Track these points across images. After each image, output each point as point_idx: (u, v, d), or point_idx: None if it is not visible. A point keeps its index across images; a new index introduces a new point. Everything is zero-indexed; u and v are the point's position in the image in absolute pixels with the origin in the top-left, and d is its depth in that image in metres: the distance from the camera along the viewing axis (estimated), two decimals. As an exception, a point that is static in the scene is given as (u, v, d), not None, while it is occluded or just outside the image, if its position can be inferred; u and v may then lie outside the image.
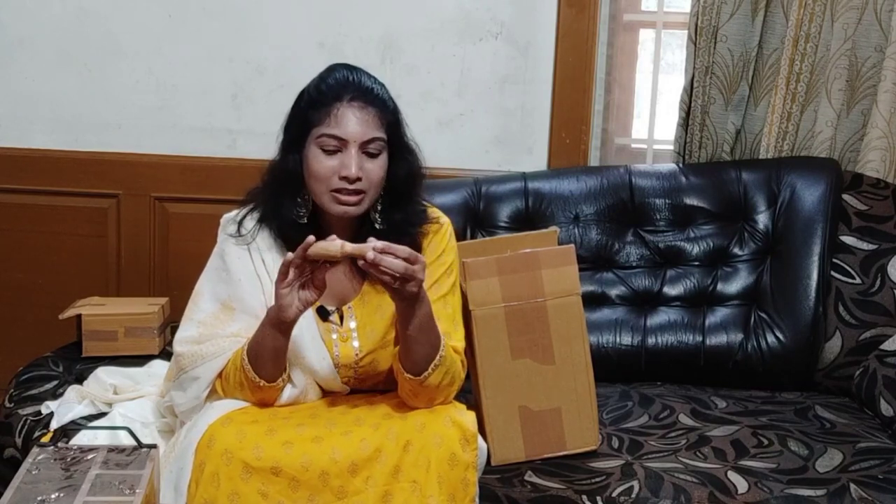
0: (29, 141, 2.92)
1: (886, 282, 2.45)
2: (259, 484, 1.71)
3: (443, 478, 1.74)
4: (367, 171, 1.83)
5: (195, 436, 1.77)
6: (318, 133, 1.83)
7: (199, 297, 1.93)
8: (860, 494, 1.91)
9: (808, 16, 2.59)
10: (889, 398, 2.27)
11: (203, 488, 1.72)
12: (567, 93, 2.78)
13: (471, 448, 1.78)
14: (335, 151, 1.83)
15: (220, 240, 1.95)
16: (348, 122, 1.82)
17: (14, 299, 2.96)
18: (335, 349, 1.93)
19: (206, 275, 1.95)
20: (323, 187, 1.84)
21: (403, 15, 2.79)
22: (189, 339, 1.89)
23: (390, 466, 1.74)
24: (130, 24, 2.85)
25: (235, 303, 1.90)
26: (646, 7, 2.88)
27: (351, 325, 1.94)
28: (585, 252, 2.54)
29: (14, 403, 2.24)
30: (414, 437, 1.75)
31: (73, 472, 1.65)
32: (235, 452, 1.72)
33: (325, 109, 1.83)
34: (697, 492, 1.91)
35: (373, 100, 1.85)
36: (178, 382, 1.90)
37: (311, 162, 1.85)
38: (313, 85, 1.89)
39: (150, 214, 2.91)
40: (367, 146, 1.83)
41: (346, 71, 1.88)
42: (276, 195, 1.90)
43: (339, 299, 1.95)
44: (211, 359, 1.86)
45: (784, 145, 2.67)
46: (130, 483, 1.62)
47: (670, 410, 2.29)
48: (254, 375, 1.82)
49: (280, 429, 1.77)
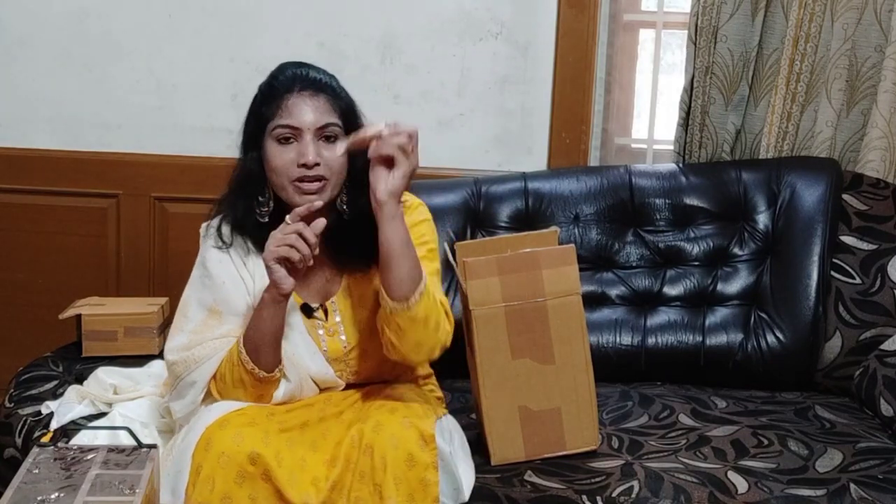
0: (29, 141, 2.92)
1: (886, 282, 2.45)
2: (251, 490, 1.73)
3: (399, 479, 1.74)
4: (326, 157, 1.86)
5: (192, 438, 1.78)
6: (272, 126, 1.87)
7: (186, 308, 1.95)
8: (860, 494, 1.91)
9: (808, 16, 2.59)
10: (889, 398, 2.27)
11: (199, 490, 1.73)
12: (567, 93, 2.78)
13: (429, 448, 1.77)
14: (291, 142, 1.86)
15: (202, 248, 1.97)
16: (300, 110, 1.85)
17: (14, 299, 2.96)
18: (323, 344, 1.94)
19: (191, 285, 1.97)
20: (284, 180, 1.86)
21: (403, 15, 2.79)
22: (180, 347, 1.91)
23: (358, 473, 1.76)
24: (130, 24, 2.85)
25: (222, 305, 1.91)
26: (646, 7, 2.88)
27: (336, 318, 1.96)
28: (585, 252, 2.54)
29: (14, 403, 2.24)
30: (372, 440, 1.76)
31: (73, 472, 1.65)
32: (232, 456, 1.73)
33: (276, 102, 1.87)
34: (697, 492, 1.91)
35: (323, 87, 1.89)
36: (177, 391, 1.91)
37: (269, 156, 1.87)
38: (265, 83, 1.94)
39: (150, 214, 2.91)
40: (323, 131, 1.86)
41: (295, 67, 1.93)
42: (240, 198, 1.93)
43: (321, 295, 1.97)
44: (204, 361, 1.88)
45: (784, 145, 2.67)
46: (130, 483, 1.62)
47: (670, 410, 2.29)
48: (252, 367, 1.83)
49: (274, 440, 1.78)
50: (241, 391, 1.87)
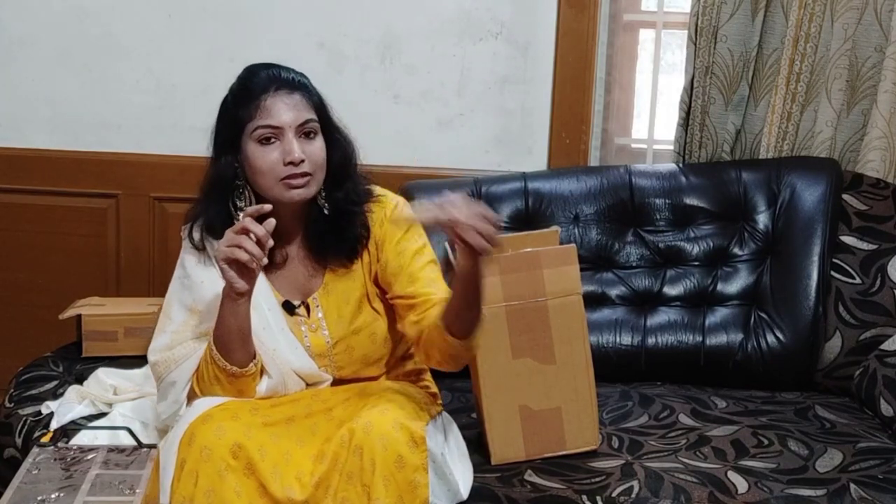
0: (29, 141, 2.91)
1: (886, 282, 2.45)
2: (234, 483, 1.73)
3: (389, 479, 1.74)
4: (309, 153, 1.86)
5: (177, 434, 1.78)
6: (252, 128, 1.86)
7: (168, 309, 1.95)
8: (860, 494, 1.91)
9: (808, 16, 2.59)
10: (889, 398, 2.27)
11: (182, 485, 1.73)
12: (567, 93, 2.78)
13: (419, 450, 1.77)
14: (273, 142, 1.86)
15: (182, 249, 1.98)
16: (279, 109, 1.86)
17: (14, 299, 2.95)
18: (306, 340, 1.95)
19: (172, 286, 1.97)
20: (271, 180, 1.86)
21: (403, 15, 2.79)
22: (161, 347, 1.91)
23: (346, 473, 1.75)
24: (130, 24, 2.85)
25: (200, 305, 1.91)
26: (646, 7, 2.88)
27: (318, 314, 1.96)
28: (585, 252, 2.53)
29: (14, 403, 2.24)
30: (362, 440, 1.75)
31: (73, 472, 1.65)
32: (214, 449, 1.73)
33: (253, 104, 1.86)
34: (697, 492, 1.91)
35: (297, 86, 1.90)
36: (161, 392, 1.92)
37: (252, 158, 1.87)
38: (236, 86, 1.93)
39: (150, 214, 2.91)
40: (303, 128, 1.87)
41: (266, 68, 1.93)
42: (212, 202, 1.93)
43: (302, 293, 1.97)
44: (184, 360, 1.88)
45: (784, 145, 2.67)
46: (130, 483, 1.62)
47: (670, 410, 2.29)
48: (224, 363, 1.83)
49: (257, 434, 1.77)
50: (218, 388, 1.87)
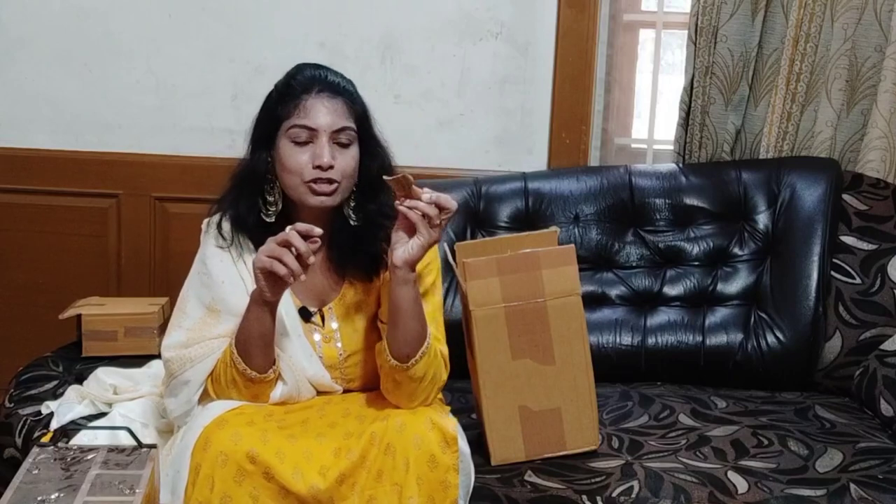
0: (29, 141, 2.91)
1: (886, 282, 2.45)
2: (251, 488, 1.72)
3: (422, 479, 1.75)
4: (340, 161, 1.86)
5: (191, 438, 1.77)
6: (288, 126, 1.86)
7: (184, 303, 1.94)
8: (860, 494, 1.91)
9: (808, 16, 2.59)
10: (889, 398, 2.27)
11: (198, 490, 1.72)
12: (567, 93, 2.78)
13: (451, 451, 1.78)
14: (306, 143, 1.85)
15: (202, 244, 1.96)
16: (318, 112, 1.85)
17: (14, 299, 2.96)
18: (318, 350, 1.94)
19: (190, 280, 1.96)
20: (297, 180, 1.86)
21: (403, 15, 2.79)
22: (177, 343, 1.90)
23: (374, 472, 1.75)
24: (130, 23, 2.85)
25: (220, 304, 1.90)
26: (646, 7, 2.88)
27: (333, 325, 1.95)
28: (585, 252, 2.54)
29: (14, 403, 2.24)
30: (394, 439, 1.76)
31: (73, 472, 1.65)
32: (230, 455, 1.73)
33: (293, 102, 1.86)
34: (697, 492, 1.91)
35: (341, 91, 1.89)
36: (170, 389, 1.91)
37: (283, 156, 1.87)
38: (282, 82, 1.92)
39: (151, 214, 2.91)
40: (338, 136, 1.86)
41: (314, 68, 1.92)
42: (243, 196, 1.92)
43: (319, 300, 1.96)
44: (200, 361, 1.87)
45: (784, 145, 2.67)
46: (130, 483, 1.62)
47: (670, 410, 2.30)
48: (244, 367, 1.83)
49: (273, 438, 1.77)
50: (234, 391, 1.87)
